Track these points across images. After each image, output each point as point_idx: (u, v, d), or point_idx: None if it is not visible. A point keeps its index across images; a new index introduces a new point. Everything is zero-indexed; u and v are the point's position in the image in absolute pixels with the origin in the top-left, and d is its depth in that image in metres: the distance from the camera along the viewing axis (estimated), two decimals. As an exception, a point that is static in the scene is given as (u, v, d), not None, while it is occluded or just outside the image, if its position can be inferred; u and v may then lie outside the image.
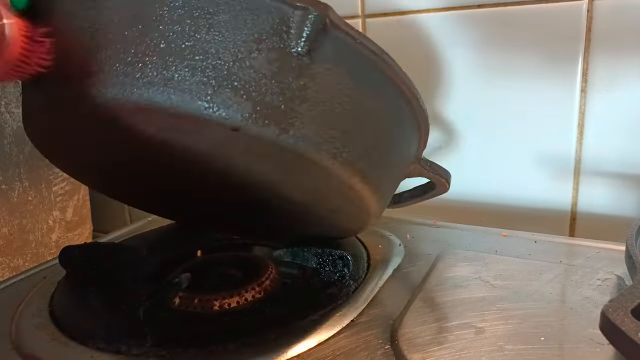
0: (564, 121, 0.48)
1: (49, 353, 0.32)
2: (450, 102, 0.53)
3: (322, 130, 0.28)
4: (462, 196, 0.55)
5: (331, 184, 0.31)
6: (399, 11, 0.53)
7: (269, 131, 0.26)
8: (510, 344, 0.29)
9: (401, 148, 0.36)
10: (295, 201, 0.33)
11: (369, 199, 0.33)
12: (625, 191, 0.47)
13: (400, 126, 0.34)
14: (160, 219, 0.56)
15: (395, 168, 0.36)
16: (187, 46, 0.26)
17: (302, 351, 0.30)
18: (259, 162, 0.30)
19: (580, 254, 0.40)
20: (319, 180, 0.31)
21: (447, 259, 0.40)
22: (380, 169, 0.33)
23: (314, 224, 0.38)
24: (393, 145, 0.34)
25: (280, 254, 0.41)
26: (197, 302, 0.35)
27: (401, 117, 0.34)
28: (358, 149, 0.30)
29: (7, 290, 0.42)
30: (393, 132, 0.34)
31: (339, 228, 0.39)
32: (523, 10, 0.47)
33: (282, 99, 0.26)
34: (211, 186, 0.36)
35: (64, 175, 0.63)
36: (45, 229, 0.62)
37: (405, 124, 0.35)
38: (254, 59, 0.26)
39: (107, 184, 0.42)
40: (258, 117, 0.26)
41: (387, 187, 0.36)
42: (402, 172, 0.38)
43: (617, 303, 0.25)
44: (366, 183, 0.31)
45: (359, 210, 0.34)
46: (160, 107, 0.25)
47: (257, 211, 0.38)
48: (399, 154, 0.36)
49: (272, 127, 0.26)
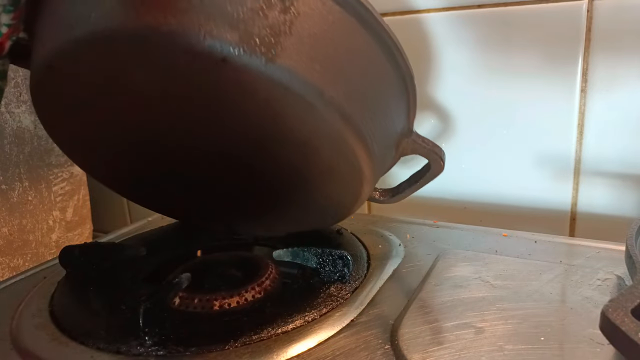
0: (564, 121, 0.48)
1: (49, 353, 0.32)
2: (450, 102, 0.53)
3: (308, 64, 0.29)
4: (462, 196, 0.55)
5: (320, 129, 0.31)
6: (399, 11, 0.53)
7: (255, 61, 0.27)
8: (510, 344, 0.29)
9: (389, 105, 0.36)
10: (288, 158, 0.33)
11: (361, 156, 0.33)
12: (625, 191, 0.47)
13: (387, 80, 0.35)
14: (160, 219, 0.56)
15: (385, 125, 0.36)
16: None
17: (302, 351, 0.30)
18: (249, 101, 0.30)
19: (580, 254, 0.40)
20: (308, 124, 0.31)
21: (447, 259, 0.40)
22: (369, 119, 0.33)
23: (307, 195, 0.38)
24: (380, 98, 0.34)
25: (280, 254, 0.41)
26: (197, 302, 0.35)
27: (388, 71, 0.34)
28: (344, 89, 0.31)
29: (7, 290, 0.42)
30: (380, 83, 0.34)
31: (332, 201, 0.38)
32: (523, 10, 0.47)
33: (270, 31, 0.27)
34: (206, 142, 0.36)
35: (64, 175, 0.63)
36: (45, 229, 0.62)
37: (392, 80, 0.35)
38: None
39: (104, 160, 0.42)
40: (245, 47, 0.27)
41: (378, 148, 0.36)
42: (393, 138, 0.38)
43: (617, 303, 0.25)
44: (355, 132, 0.32)
45: (352, 173, 0.34)
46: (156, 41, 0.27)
47: (250, 179, 0.38)
48: (387, 110, 0.36)
49: (258, 56, 0.27)
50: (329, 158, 0.33)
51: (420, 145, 0.40)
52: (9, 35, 0.32)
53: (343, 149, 0.32)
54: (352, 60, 0.31)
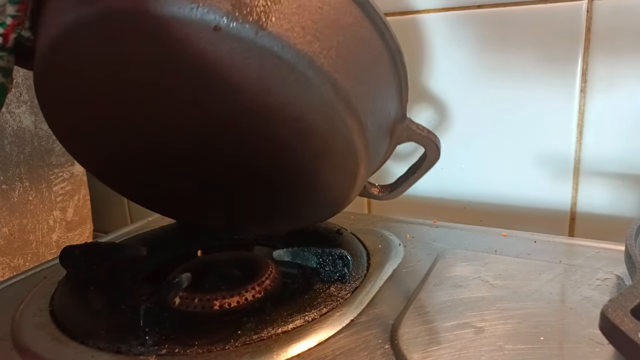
0: (564, 121, 0.48)
1: (49, 352, 0.32)
2: (449, 102, 0.53)
3: (299, 32, 0.29)
4: (462, 196, 0.55)
5: (313, 102, 0.31)
6: (398, 11, 0.53)
7: (247, 30, 0.28)
8: (509, 344, 0.29)
9: (381, 82, 0.36)
10: (284, 138, 0.34)
11: (354, 130, 0.33)
12: (625, 191, 0.47)
13: (378, 55, 0.35)
14: (160, 219, 0.56)
15: (378, 102, 0.36)
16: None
17: (302, 351, 0.30)
18: (242, 75, 0.30)
19: (580, 254, 0.40)
20: (301, 97, 0.31)
21: (446, 259, 0.40)
22: (361, 93, 0.33)
23: (305, 182, 0.38)
24: (371, 73, 0.35)
25: (280, 254, 0.41)
26: (197, 302, 0.35)
27: (378, 47, 0.35)
28: (335, 60, 0.31)
29: (8, 290, 0.42)
30: (371, 58, 0.34)
31: (330, 187, 0.38)
32: (523, 10, 0.47)
33: (261, 1, 0.28)
34: (203, 133, 0.36)
35: (65, 175, 0.63)
36: (46, 228, 0.62)
37: (383, 57, 0.35)
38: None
39: (103, 157, 0.42)
40: (237, 16, 0.28)
41: (372, 126, 0.36)
42: (386, 119, 0.38)
43: (616, 303, 0.25)
44: (347, 103, 0.32)
45: (347, 152, 0.34)
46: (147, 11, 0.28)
47: (248, 170, 0.38)
48: (379, 87, 0.36)
49: (250, 25, 0.28)
50: (323, 135, 0.33)
51: (414, 131, 0.40)
52: (13, 27, 0.32)
53: (336, 123, 0.32)
54: (342, 32, 0.32)
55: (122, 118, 0.36)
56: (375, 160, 0.39)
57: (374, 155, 0.38)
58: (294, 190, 0.39)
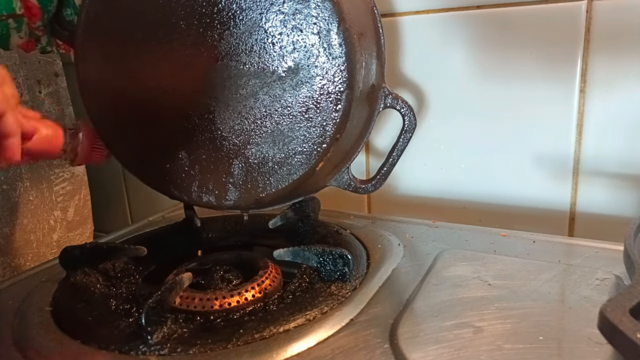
0: (563, 121, 0.48)
1: (49, 352, 0.32)
2: (449, 102, 0.53)
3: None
4: (462, 196, 0.55)
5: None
6: (398, 12, 0.53)
7: None
8: (508, 343, 0.29)
9: (370, 42, 0.42)
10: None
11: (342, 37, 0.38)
12: (624, 191, 0.47)
13: (368, 15, 0.42)
14: (160, 219, 0.56)
15: (368, 61, 0.41)
16: None
17: (302, 350, 0.30)
18: None
19: (579, 254, 0.40)
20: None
21: (446, 259, 0.40)
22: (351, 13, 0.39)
23: (288, 125, 0.40)
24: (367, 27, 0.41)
25: (280, 253, 0.41)
26: (197, 301, 0.35)
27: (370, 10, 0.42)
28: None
29: (9, 289, 0.42)
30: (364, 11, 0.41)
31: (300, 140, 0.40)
32: (522, 11, 0.47)
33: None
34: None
35: (65, 175, 0.63)
36: (47, 228, 0.62)
37: (371, 16, 0.43)
38: None
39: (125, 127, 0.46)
40: None
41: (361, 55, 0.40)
42: (368, 82, 0.42)
43: (615, 302, 0.25)
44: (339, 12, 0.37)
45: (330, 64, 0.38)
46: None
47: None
48: (369, 44, 0.41)
49: None
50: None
51: (392, 95, 0.44)
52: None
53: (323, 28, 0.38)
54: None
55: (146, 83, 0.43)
56: (353, 127, 0.41)
57: (352, 118, 0.40)
58: (278, 138, 0.41)
